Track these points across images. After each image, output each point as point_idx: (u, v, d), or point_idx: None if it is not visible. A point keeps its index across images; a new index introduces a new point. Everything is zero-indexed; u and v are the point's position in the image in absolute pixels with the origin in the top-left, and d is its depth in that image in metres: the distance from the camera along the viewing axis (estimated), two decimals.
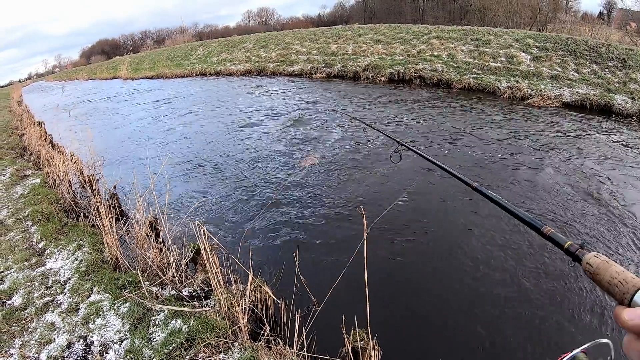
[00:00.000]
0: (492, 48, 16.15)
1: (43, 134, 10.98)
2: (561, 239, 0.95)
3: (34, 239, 5.17)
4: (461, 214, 5.57)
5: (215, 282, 3.35)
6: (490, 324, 3.67)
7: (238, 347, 2.98)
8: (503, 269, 4.38)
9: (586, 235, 4.91)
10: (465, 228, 5.24)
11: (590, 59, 13.62)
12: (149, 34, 78.99)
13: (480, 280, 4.23)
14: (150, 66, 33.83)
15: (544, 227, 1.04)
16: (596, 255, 0.80)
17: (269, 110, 13.17)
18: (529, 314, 3.73)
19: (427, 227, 5.35)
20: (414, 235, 5.16)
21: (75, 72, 53.14)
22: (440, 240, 5.10)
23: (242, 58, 26.44)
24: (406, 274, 4.48)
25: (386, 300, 4.00)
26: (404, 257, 4.74)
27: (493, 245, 4.79)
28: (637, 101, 10.53)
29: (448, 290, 4.18)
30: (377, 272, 4.35)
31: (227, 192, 6.83)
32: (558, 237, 0.98)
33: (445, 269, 4.53)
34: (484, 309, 3.85)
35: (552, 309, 3.78)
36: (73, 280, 4.14)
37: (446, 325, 3.73)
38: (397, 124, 10.09)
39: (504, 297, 3.97)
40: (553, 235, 1.00)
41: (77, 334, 3.34)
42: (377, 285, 4.12)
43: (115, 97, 22.03)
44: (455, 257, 4.69)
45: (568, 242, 0.92)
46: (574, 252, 0.88)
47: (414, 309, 3.96)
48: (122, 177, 7.05)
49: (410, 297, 4.12)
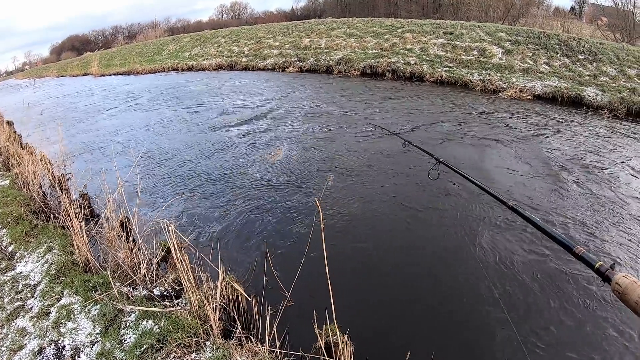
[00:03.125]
0: (464, 42, 16.37)
1: (12, 133, 10.69)
2: (592, 259, 0.98)
3: (3, 243, 5.04)
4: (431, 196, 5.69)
5: (185, 281, 3.34)
6: (463, 314, 3.76)
7: (210, 346, 2.98)
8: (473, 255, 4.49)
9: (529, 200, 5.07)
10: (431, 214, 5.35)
11: (562, 53, 13.91)
12: (120, 29, 77.37)
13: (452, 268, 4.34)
14: (121, 62, 33.10)
15: (576, 247, 1.06)
16: (625, 275, 0.82)
17: (241, 105, 13.12)
18: (501, 299, 3.83)
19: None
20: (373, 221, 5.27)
21: (46, 69, 51.62)
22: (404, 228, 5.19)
23: (214, 53, 26.12)
24: (373, 264, 4.54)
25: (358, 292, 4.05)
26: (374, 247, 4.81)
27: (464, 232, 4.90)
28: (608, 93, 10.82)
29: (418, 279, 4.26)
30: (345, 263, 4.42)
31: (198, 190, 6.77)
32: (589, 257, 1.00)
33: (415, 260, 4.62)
34: (456, 299, 3.94)
35: (540, 296, 3.89)
36: (43, 283, 4.07)
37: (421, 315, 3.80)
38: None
39: (477, 287, 4.07)
40: (585, 255, 1.02)
41: (48, 338, 3.29)
42: (349, 277, 4.18)
43: (86, 93, 21.50)
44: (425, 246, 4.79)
45: (599, 262, 0.95)
46: (604, 272, 0.90)
47: (386, 300, 4.02)
48: (93, 176, 6.92)
49: (382, 288, 4.19)
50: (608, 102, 10.41)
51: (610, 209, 5.41)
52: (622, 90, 10.83)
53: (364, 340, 3.24)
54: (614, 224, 5.05)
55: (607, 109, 10.20)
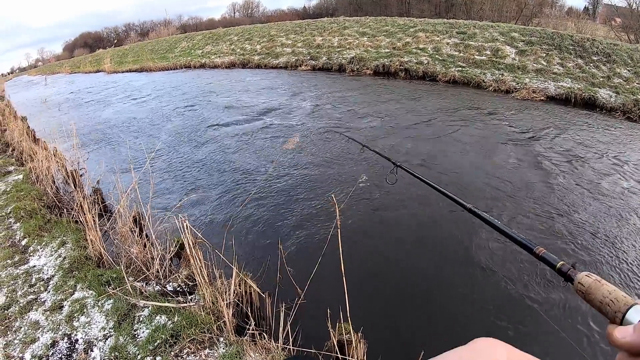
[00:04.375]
0: (477, 41, 16.24)
1: (26, 129, 10.79)
2: (553, 259, 0.97)
3: (17, 237, 5.09)
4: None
5: (199, 277, 3.34)
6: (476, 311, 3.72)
7: (223, 342, 2.98)
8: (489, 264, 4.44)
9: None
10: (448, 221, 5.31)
11: (575, 54, 13.76)
12: (132, 26, 77.92)
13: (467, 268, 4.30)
14: (134, 59, 33.33)
15: (537, 247, 1.06)
16: (588, 274, 0.80)
17: (255, 102, 13.13)
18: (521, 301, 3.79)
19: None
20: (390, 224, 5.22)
21: (59, 65, 52.13)
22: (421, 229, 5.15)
23: (226, 50, 26.18)
24: (390, 265, 4.51)
25: (371, 290, 4.03)
26: (388, 249, 4.77)
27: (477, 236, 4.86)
28: (621, 95, 10.67)
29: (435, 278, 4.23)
30: (361, 262, 4.39)
31: (212, 186, 6.78)
32: (550, 257, 0.99)
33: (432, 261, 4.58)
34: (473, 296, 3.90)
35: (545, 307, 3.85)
36: (57, 277, 4.09)
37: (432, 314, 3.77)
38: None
39: (490, 284, 4.03)
40: (545, 255, 1.01)
41: (61, 332, 3.31)
42: (363, 275, 4.16)
43: (99, 90, 21.70)
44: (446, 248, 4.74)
45: (560, 262, 0.93)
46: (566, 272, 0.89)
47: (400, 299, 3.99)
48: (106, 172, 6.97)
49: (396, 288, 4.16)
50: (622, 104, 10.26)
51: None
52: (637, 92, 10.67)
53: (377, 339, 3.22)
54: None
55: (621, 111, 10.05)
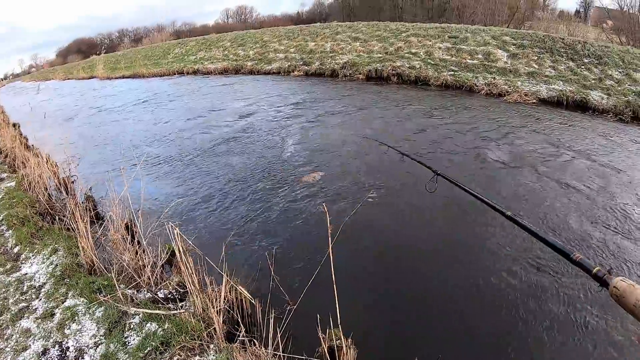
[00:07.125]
0: (469, 45, 16.35)
1: (18, 135, 10.78)
2: (589, 264, 0.99)
3: (9, 244, 5.08)
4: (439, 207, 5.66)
5: (190, 284, 3.35)
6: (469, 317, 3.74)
7: (213, 349, 2.99)
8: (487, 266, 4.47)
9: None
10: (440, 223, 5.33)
11: (567, 56, 13.89)
12: (126, 32, 78.02)
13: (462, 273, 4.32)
14: (127, 65, 33.27)
15: (574, 254, 1.08)
16: (623, 279, 0.83)
17: (244, 108, 13.16)
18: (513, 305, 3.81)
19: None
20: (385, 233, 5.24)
21: (52, 71, 51.93)
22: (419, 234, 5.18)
23: (219, 56, 26.18)
24: (383, 271, 4.53)
25: (363, 297, 4.04)
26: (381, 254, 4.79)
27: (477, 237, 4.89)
28: (613, 97, 10.78)
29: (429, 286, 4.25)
30: (354, 269, 4.40)
31: (204, 193, 6.76)
32: (587, 262, 1.01)
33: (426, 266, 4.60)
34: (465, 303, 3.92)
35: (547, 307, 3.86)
36: (48, 285, 4.09)
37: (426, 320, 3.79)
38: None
39: (487, 289, 4.05)
40: (582, 261, 1.04)
41: (52, 339, 3.31)
42: (355, 282, 4.17)
43: (92, 96, 21.69)
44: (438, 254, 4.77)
45: (596, 267, 0.96)
46: (602, 277, 0.91)
47: (393, 306, 4.00)
48: (99, 179, 6.96)
49: (389, 295, 4.17)
50: (613, 105, 10.37)
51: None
52: (628, 94, 10.79)
53: (368, 345, 3.23)
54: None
55: (613, 113, 10.15)
